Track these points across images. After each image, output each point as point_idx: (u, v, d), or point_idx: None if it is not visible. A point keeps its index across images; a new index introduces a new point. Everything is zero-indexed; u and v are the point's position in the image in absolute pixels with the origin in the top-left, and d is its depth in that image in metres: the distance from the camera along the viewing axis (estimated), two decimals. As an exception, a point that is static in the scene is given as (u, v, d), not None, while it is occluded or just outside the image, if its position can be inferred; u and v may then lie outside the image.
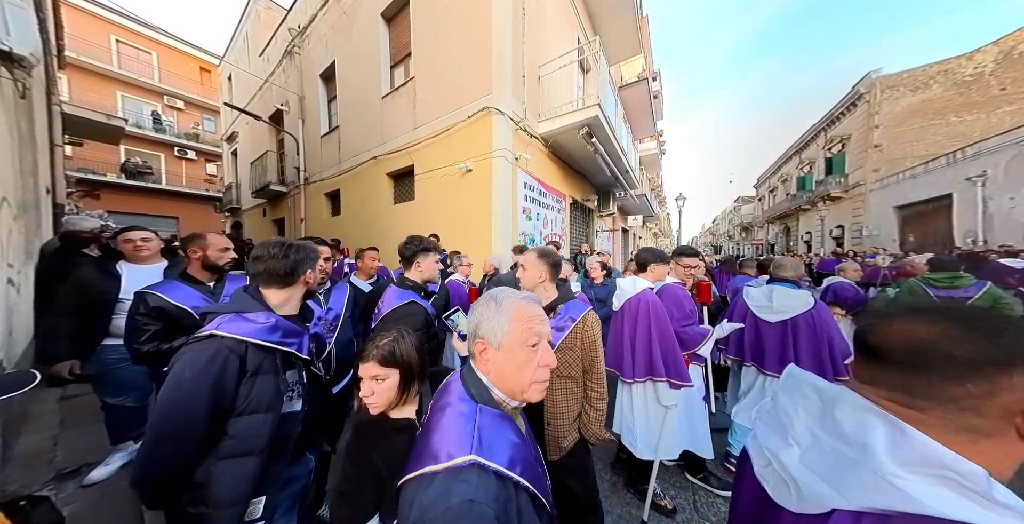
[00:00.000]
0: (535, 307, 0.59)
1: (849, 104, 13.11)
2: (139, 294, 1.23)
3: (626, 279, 1.63)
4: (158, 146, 12.85)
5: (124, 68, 11.70)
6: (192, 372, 0.68)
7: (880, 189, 11.70)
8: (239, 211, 11.09)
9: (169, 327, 1.21)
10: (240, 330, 0.74)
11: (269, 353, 0.77)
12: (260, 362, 0.75)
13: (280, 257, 0.82)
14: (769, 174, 22.41)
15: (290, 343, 0.80)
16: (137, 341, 1.19)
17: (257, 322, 0.77)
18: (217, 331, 0.72)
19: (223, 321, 0.75)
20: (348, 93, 5.88)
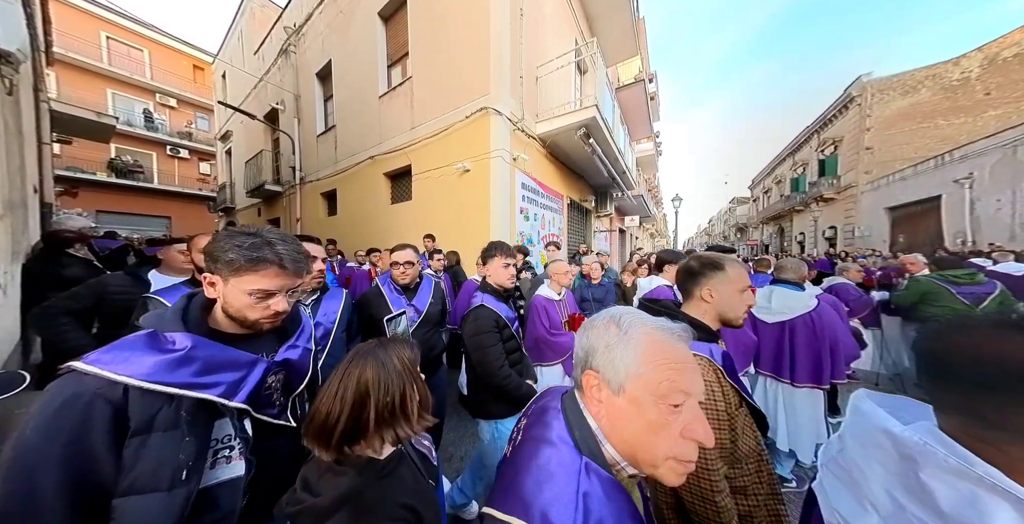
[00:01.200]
0: (680, 347, 0.42)
1: (841, 107, 13.34)
2: (143, 299, 1.15)
3: (645, 279, 1.66)
4: (150, 145, 12.65)
5: (115, 65, 11.50)
6: (37, 424, 0.45)
7: (871, 191, 11.91)
8: (233, 211, 10.94)
9: None
10: (118, 365, 0.49)
11: (171, 400, 0.51)
12: (152, 414, 0.50)
13: (245, 247, 0.57)
14: (764, 175, 22.70)
15: (208, 385, 0.54)
16: None
17: (160, 350, 0.52)
18: (79, 365, 0.49)
19: (115, 346, 0.52)
20: (345, 92, 5.84)
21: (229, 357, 0.57)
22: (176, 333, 0.55)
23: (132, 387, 0.49)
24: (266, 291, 0.59)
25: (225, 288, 0.59)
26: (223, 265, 0.57)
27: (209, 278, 0.59)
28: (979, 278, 2.18)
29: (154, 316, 0.60)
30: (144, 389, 0.50)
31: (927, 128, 11.18)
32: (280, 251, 0.59)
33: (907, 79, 11.54)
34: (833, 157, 14.21)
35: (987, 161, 8.06)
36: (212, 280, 0.59)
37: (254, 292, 0.58)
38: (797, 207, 16.34)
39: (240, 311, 0.59)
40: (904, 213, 10.74)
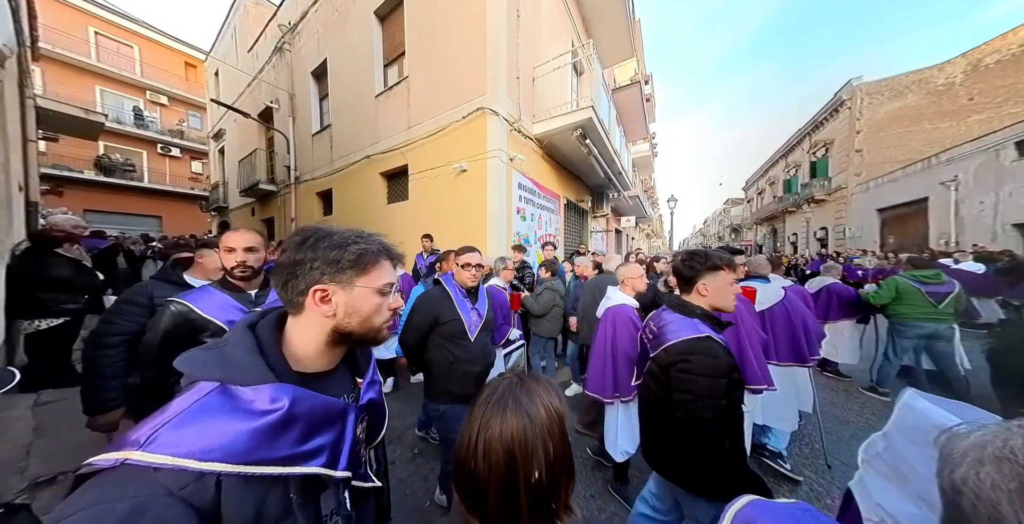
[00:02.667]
0: None
1: (832, 110, 13.61)
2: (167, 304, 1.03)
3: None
4: (140, 143, 12.42)
5: (104, 62, 11.27)
6: None
7: (862, 192, 12.16)
8: (226, 210, 10.78)
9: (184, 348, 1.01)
10: (204, 442, 0.34)
11: (276, 482, 0.39)
12: (259, 506, 0.36)
13: (360, 242, 0.47)
14: (757, 177, 23.04)
15: (314, 453, 0.41)
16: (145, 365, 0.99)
17: (247, 412, 0.37)
18: (141, 456, 0.32)
19: (177, 412, 0.36)
20: (340, 91, 5.80)
21: (326, 409, 0.43)
22: (262, 385, 0.39)
23: (227, 477, 0.34)
24: (391, 284, 0.49)
25: (350, 295, 0.46)
26: (347, 266, 0.46)
27: (322, 292, 0.45)
28: (942, 278, 2.40)
29: (212, 358, 0.41)
30: (246, 476, 0.35)
31: (914, 131, 11.46)
32: (379, 240, 0.50)
33: (895, 83, 11.82)
34: (824, 159, 14.48)
35: (971, 164, 8.29)
36: (326, 290, 0.45)
37: (385, 288, 0.48)
38: (790, 208, 16.62)
39: (368, 319, 0.48)
40: (893, 214, 10.99)
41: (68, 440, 1.94)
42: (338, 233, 0.48)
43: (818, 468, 1.84)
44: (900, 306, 2.44)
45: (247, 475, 0.36)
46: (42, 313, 2.30)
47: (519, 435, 0.42)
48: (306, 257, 0.45)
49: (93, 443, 1.94)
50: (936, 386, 2.60)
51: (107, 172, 11.10)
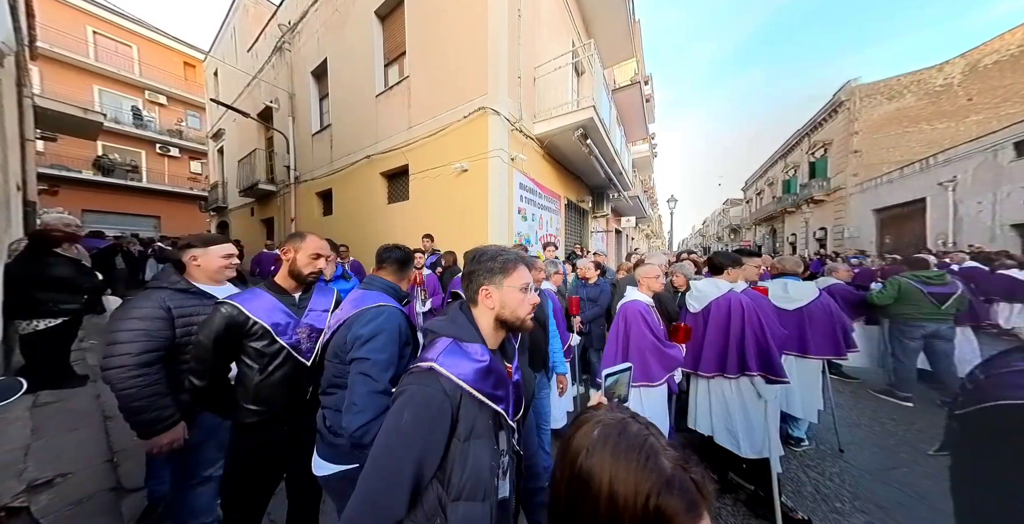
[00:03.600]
0: None
1: (830, 111, 13.65)
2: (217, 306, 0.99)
3: (703, 281, 1.66)
4: (139, 142, 12.37)
5: (102, 61, 11.23)
6: (411, 415, 0.54)
7: (860, 193, 12.21)
8: (225, 210, 10.75)
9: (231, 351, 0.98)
10: (458, 369, 0.57)
11: (481, 408, 0.58)
12: (473, 420, 0.56)
13: (501, 255, 0.68)
14: (756, 177, 23.10)
15: (501, 398, 0.61)
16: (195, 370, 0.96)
17: (471, 359, 0.60)
18: (436, 365, 0.57)
19: (443, 349, 0.60)
20: (340, 91, 5.79)
21: (500, 372, 0.63)
22: (473, 344, 0.63)
23: (465, 394, 0.57)
24: (528, 284, 0.68)
25: (502, 293, 0.66)
26: (497, 271, 0.66)
27: (485, 291, 0.66)
28: (947, 279, 2.40)
29: (448, 324, 0.66)
30: (473, 396, 0.57)
31: (912, 132, 11.51)
32: (516, 252, 0.71)
33: (893, 84, 11.87)
34: (823, 160, 14.53)
35: (969, 165, 8.33)
36: (488, 290, 0.66)
37: (524, 286, 0.66)
38: (789, 208, 16.66)
39: (515, 311, 0.66)
40: (891, 215, 11.03)
41: (66, 442, 1.92)
42: (491, 249, 0.70)
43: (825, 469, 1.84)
44: (903, 306, 2.44)
45: (473, 396, 0.57)
46: (40, 313, 2.28)
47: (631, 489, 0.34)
48: (475, 268, 0.68)
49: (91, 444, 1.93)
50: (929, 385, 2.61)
51: (106, 172, 11.06)
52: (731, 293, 1.54)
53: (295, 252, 1.06)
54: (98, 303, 2.68)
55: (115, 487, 1.60)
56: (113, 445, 1.92)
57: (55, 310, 2.32)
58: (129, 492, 1.57)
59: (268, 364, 0.99)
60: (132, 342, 1.00)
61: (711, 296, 1.57)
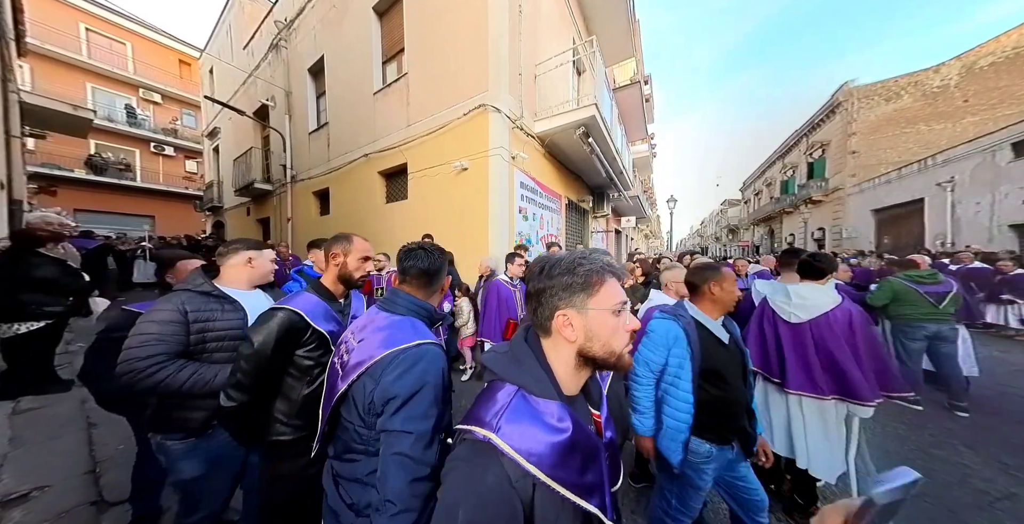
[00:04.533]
0: None
1: (828, 111, 13.71)
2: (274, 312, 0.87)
3: (806, 287, 1.42)
4: (133, 141, 12.20)
5: (95, 58, 11.06)
6: (467, 519, 0.37)
7: (858, 193, 12.25)
8: (221, 210, 10.61)
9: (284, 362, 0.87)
10: (528, 444, 0.40)
11: (565, 505, 0.41)
12: (556, 520, 0.40)
13: (579, 264, 0.48)
14: (754, 178, 23.19)
15: (591, 490, 0.43)
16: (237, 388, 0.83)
17: (545, 425, 0.41)
18: (496, 438, 0.40)
19: (505, 407, 0.42)
20: (338, 89, 5.70)
21: (587, 442, 0.44)
22: (548, 400, 0.43)
23: (539, 483, 0.39)
24: (623, 303, 0.48)
25: (587, 318, 0.45)
26: (578, 288, 0.46)
27: (564, 315, 0.46)
28: (939, 278, 2.38)
29: (510, 363, 0.47)
30: (551, 488, 0.39)
31: (909, 133, 11.57)
32: (600, 259, 0.49)
33: (890, 85, 11.94)
34: (821, 160, 14.58)
35: (967, 165, 8.37)
36: (566, 315, 0.46)
37: (618, 307, 0.46)
38: (787, 209, 16.71)
39: (608, 343, 0.46)
40: (889, 215, 11.07)
41: (46, 452, 1.83)
42: (566, 258, 0.49)
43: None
44: (901, 307, 2.41)
45: (552, 489, 0.39)
46: (23, 316, 2.19)
47: None
48: (545, 285, 0.48)
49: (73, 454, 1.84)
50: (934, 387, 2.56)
51: (98, 171, 10.89)
52: (847, 302, 1.36)
53: (344, 255, 0.99)
54: (84, 305, 2.57)
55: (96, 501, 1.51)
56: (96, 454, 1.83)
57: (38, 312, 2.22)
58: (111, 506, 1.48)
59: (318, 376, 0.89)
60: (141, 346, 0.92)
61: (823, 306, 1.35)
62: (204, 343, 0.99)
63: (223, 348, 1.01)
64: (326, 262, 1.00)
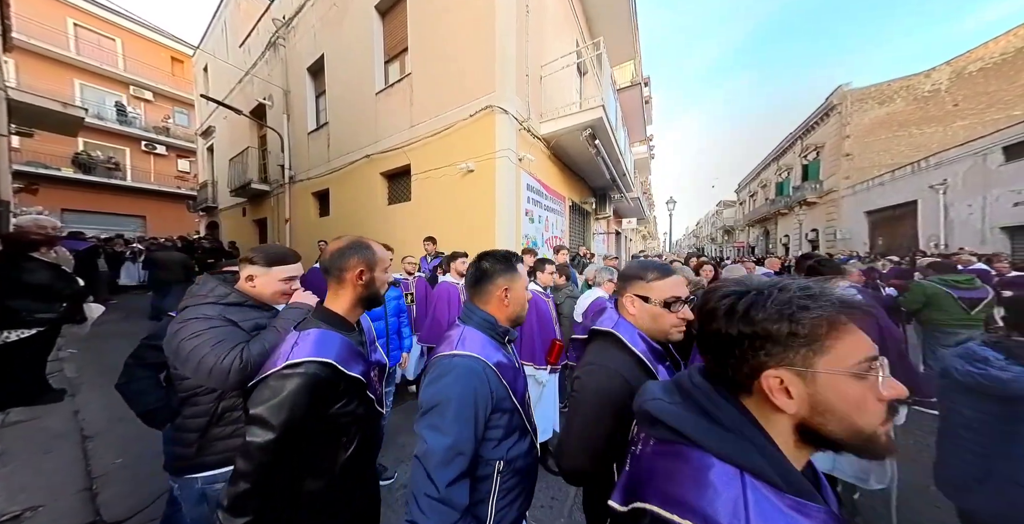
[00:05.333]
0: None
1: (823, 114, 13.93)
2: (289, 372, 0.62)
3: None
4: (123, 139, 11.91)
5: (83, 54, 10.77)
6: None
7: (852, 195, 12.45)
8: (215, 210, 10.40)
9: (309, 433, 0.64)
10: None
11: None
12: None
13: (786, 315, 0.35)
14: (750, 179, 23.48)
15: None
16: None
17: None
18: None
19: (746, 509, 0.30)
20: (338, 88, 5.61)
21: None
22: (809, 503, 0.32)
23: None
24: (873, 359, 0.35)
25: (814, 385, 0.34)
26: (804, 342, 0.34)
27: (775, 380, 0.35)
28: (976, 283, 2.31)
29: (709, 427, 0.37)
30: None
31: (902, 136, 11.80)
32: (834, 294, 0.38)
33: (883, 89, 12.16)
34: (816, 162, 14.80)
35: (959, 168, 8.54)
36: (780, 378, 0.35)
37: (862, 366, 0.34)
38: (782, 210, 16.93)
39: (849, 420, 0.33)
40: (882, 217, 11.27)
41: (37, 468, 1.73)
42: (775, 294, 0.35)
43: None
44: (933, 312, 2.35)
45: None
46: (12, 323, 2.08)
47: None
48: (741, 332, 0.35)
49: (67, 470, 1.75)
50: None
51: (86, 170, 10.60)
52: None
53: (370, 270, 0.74)
54: (78, 311, 2.47)
55: (93, 521, 1.43)
56: (92, 470, 1.74)
57: (29, 320, 2.12)
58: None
59: (357, 431, 0.69)
60: (214, 344, 0.77)
61: None
62: None
63: None
64: (340, 281, 0.73)
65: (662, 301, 0.72)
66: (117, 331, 4.16)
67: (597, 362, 0.71)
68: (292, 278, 0.96)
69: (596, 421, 0.66)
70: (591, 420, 0.67)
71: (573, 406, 0.71)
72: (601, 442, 0.65)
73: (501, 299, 0.76)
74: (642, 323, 0.74)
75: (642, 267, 0.78)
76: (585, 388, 0.70)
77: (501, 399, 0.68)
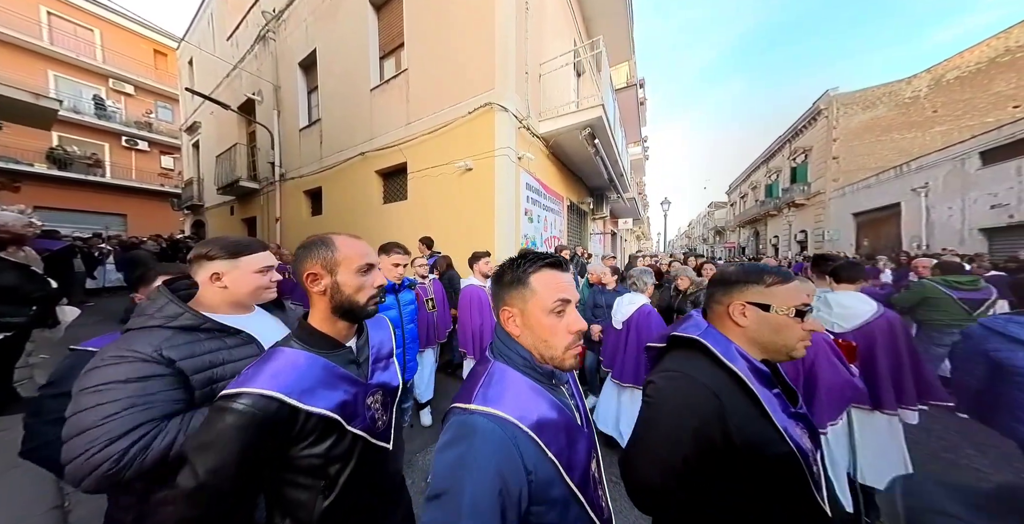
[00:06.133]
0: None
1: (810, 118, 14.31)
2: (224, 407, 0.50)
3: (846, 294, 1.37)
4: (102, 134, 11.40)
5: (58, 45, 10.27)
6: None
7: (839, 197, 12.82)
8: (201, 209, 10.05)
9: (262, 477, 0.54)
10: None
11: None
12: None
13: None
14: (740, 181, 23.98)
15: None
16: None
17: None
18: None
19: None
20: (331, 84, 5.47)
21: None
22: None
23: None
24: None
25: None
26: None
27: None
28: (979, 284, 2.29)
29: None
30: None
31: (885, 141, 12.21)
32: None
33: (868, 95, 12.57)
34: (804, 165, 15.20)
35: (940, 172, 8.87)
36: None
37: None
38: (771, 212, 17.34)
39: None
40: (868, 218, 11.63)
41: (4, 483, 1.60)
42: None
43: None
44: (930, 312, 2.35)
45: None
46: (-25, 329, 1.93)
47: None
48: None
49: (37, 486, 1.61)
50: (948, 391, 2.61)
51: (62, 165, 10.10)
52: (887, 310, 1.32)
53: (329, 273, 0.59)
54: (50, 314, 2.31)
55: (67, 544, 1.32)
56: (64, 486, 1.62)
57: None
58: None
59: (339, 473, 0.56)
60: (107, 421, 0.55)
61: (863, 314, 1.29)
62: None
63: None
64: (305, 289, 0.60)
65: (791, 309, 0.59)
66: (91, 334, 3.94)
67: (681, 369, 0.60)
68: (268, 268, 0.78)
69: (672, 437, 0.56)
70: (666, 434, 0.57)
71: (646, 415, 0.61)
72: (677, 461, 0.55)
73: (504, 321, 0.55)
74: (758, 336, 0.61)
75: (754, 270, 0.64)
76: (662, 394, 0.59)
77: (546, 484, 0.45)
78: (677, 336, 0.65)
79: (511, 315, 0.54)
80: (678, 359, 0.63)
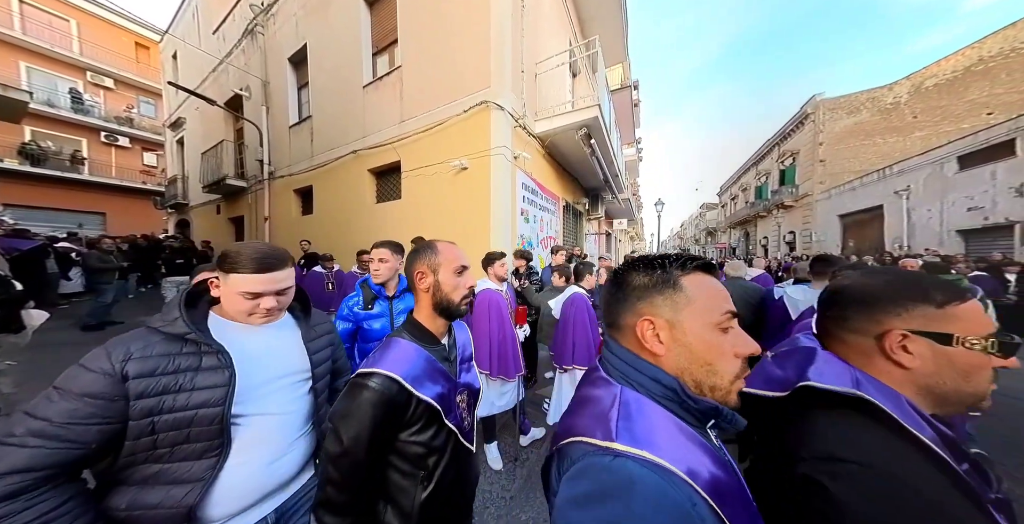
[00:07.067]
0: None
1: (798, 122, 14.69)
2: (362, 382, 0.58)
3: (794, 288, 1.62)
4: (79, 129, 10.92)
5: (30, 35, 9.81)
6: None
7: (825, 199, 13.18)
8: (186, 208, 9.71)
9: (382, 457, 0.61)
10: None
11: None
12: None
13: None
14: (731, 183, 24.48)
15: None
16: None
17: None
18: None
19: None
20: (323, 80, 5.34)
21: None
22: None
23: None
24: None
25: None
26: None
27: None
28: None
29: None
30: None
31: (868, 145, 12.62)
32: None
33: (852, 100, 12.97)
34: (792, 168, 15.59)
35: (920, 175, 9.20)
36: None
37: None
38: (761, 213, 17.74)
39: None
40: (853, 220, 11.98)
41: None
42: None
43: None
44: None
45: None
46: (-70, 336, 1.78)
47: None
48: None
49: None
50: None
51: (35, 161, 9.63)
52: None
53: (432, 273, 0.66)
54: (15, 319, 2.17)
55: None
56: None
57: (-49, 331, 1.83)
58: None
59: (436, 466, 0.61)
60: (5, 440, 0.48)
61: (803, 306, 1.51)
62: (153, 435, 0.56)
63: (190, 438, 0.58)
64: (414, 287, 0.68)
65: (987, 340, 0.39)
66: (64, 339, 3.73)
67: (867, 461, 0.35)
68: (257, 295, 0.66)
69: None
70: None
71: None
72: None
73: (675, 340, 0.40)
74: (935, 383, 0.40)
75: (916, 284, 0.43)
76: (852, 508, 0.33)
77: None
78: (818, 388, 0.42)
79: (654, 327, 0.40)
80: (840, 434, 0.39)
